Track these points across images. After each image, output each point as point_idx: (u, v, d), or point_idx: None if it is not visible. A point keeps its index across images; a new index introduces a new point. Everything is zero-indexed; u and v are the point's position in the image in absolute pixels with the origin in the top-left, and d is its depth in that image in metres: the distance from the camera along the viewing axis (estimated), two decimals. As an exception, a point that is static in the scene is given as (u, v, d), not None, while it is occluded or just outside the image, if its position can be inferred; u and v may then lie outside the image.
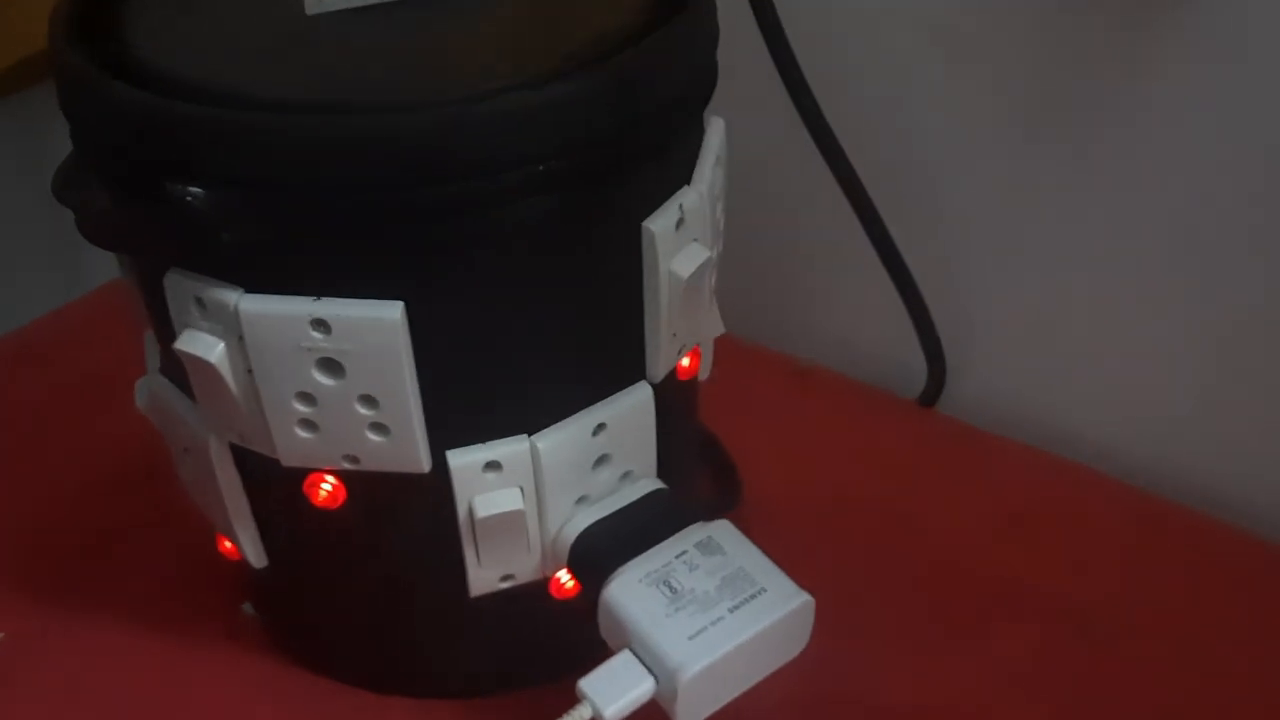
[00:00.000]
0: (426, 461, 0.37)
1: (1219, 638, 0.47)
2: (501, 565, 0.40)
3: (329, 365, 0.34)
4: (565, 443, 0.38)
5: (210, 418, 0.38)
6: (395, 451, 0.36)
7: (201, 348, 0.34)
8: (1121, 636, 0.47)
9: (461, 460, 0.37)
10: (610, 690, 0.36)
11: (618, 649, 0.37)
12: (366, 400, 0.35)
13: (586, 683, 0.36)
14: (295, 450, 0.36)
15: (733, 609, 0.36)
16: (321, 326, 0.33)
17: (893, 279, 0.55)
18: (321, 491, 0.38)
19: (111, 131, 0.33)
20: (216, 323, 0.34)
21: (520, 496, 0.38)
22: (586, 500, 0.40)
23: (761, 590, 0.37)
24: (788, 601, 0.37)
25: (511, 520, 0.38)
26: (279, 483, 0.38)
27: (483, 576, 0.40)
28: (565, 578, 0.41)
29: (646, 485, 0.41)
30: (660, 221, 0.36)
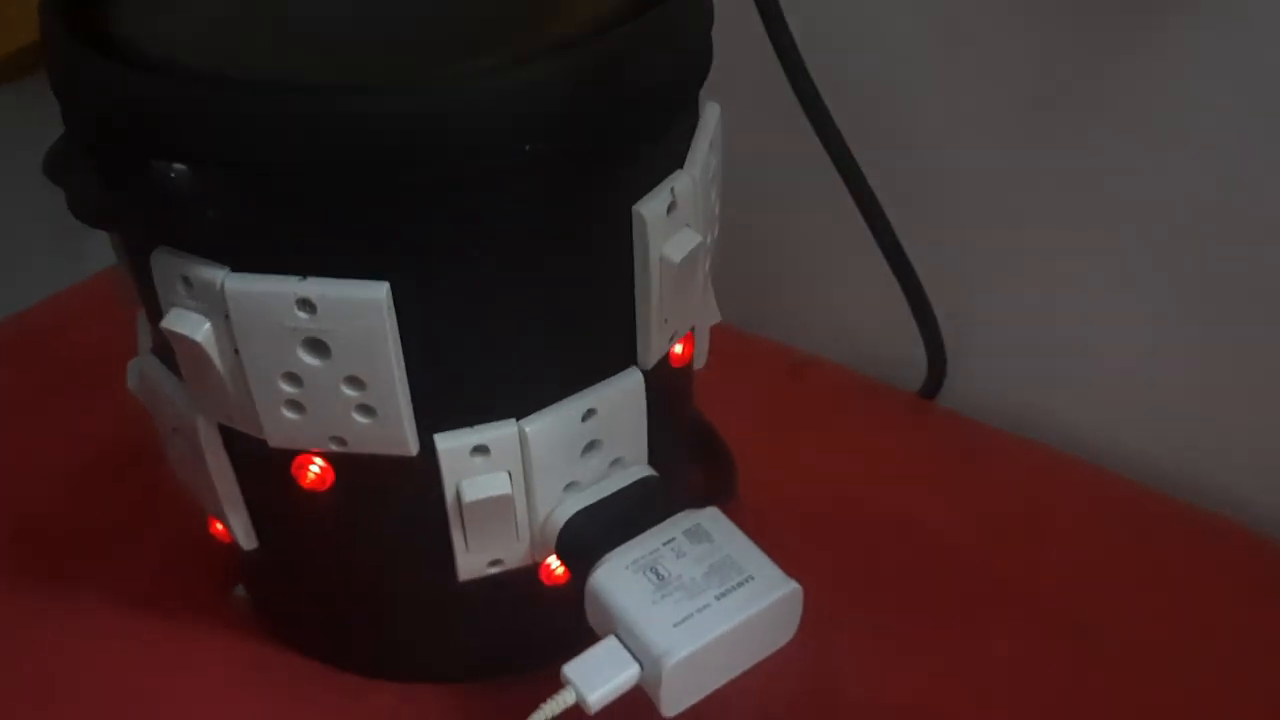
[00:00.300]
0: (414, 444, 0.37)
1: (1217, 636, 0.46)
2: (490, 550, 0.40)
3: (315, 345, 0.34)
4: (554, 428, 0.38)
5: (198, 398, 0.38)
6: (382, 434, 0.36)
7: (188, 327, 0.34)
8: (1116, 634, 0.46)
9: (449, 444, 0.37)
10: (594, 676, 0.36)
11: (604, 635, 0.37)
12: (353, 381, 0.35)
13: (570, 668, 0.36)
14: (282, 431, 0.36)
15: (719, 596, 0.36)
16: (307, 306, 0.33)
17: (893, 271, 0.55)
18: (309, 473, 0.38)
19: (97, 109, 0.33)
20: (203, 302, 0.34)
21: (508, 481, 0.38)
22: (576, 486, 0.39)
23: (749, 578, 0.37)
24: (775, 589, 0.36)
25: (499, 505, 0.38)
26: (267, 464, 0.38)
27: (471, 561, 0.40)
28: (555, 564, 0.41)
29: (637, 472, 0.40)
30: (651, 206, 0.36)
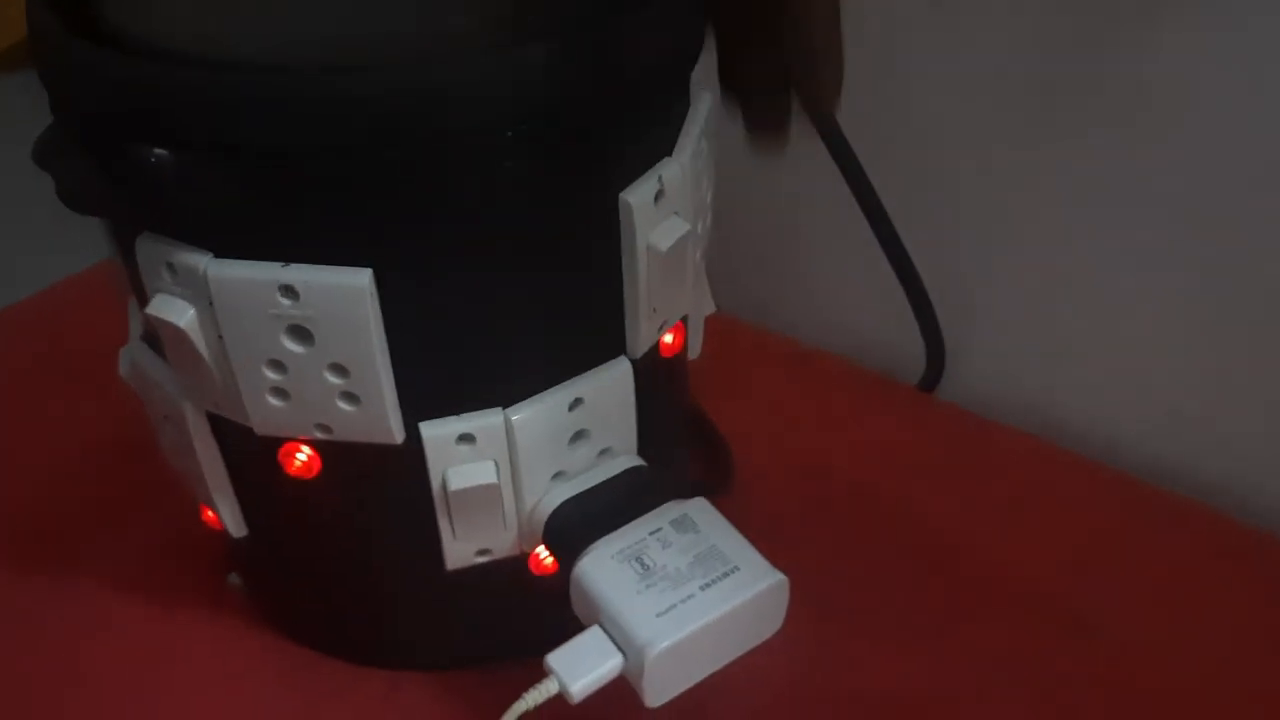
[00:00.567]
0: (399, 432, 0.36)
1: (1215, 631, 0.46)
2: (477, 539, 0.40)
3: (298, 332, 0.34)
4: (540, 417, 0.37)
5: (185, 385, 0.38)
6: (367, 421, 0.36)
7: (173, 313, 0.34)
8: (1113, 627, 0.46)
9: (434, 432, 0.37)
10: (577, 666, 0.36)
11: (589, 625, 0.37)
12: (336, 369, 0.35)
13: (554, 658, 0.36)
14: (268, 419, 0.36)
15: (704, 587, 0.36)
16: (289, 293, 0.33)
17: (892, 264, 0.54)
18: (296, 461, 0.38)
19: (79, 94, 0.33)
20: (187, 288, 0.34)
21: (494, 470, 0.37)
22: (563, 476, 0.39)
23: (734, 569, 0.36)
24: (760, 581, 0.36)
25: (485, 493, 0.38)
26: (255, 451, 0.38)
27: (458, 550, 0.40)
28: (545, 554, 0.41)
29: (625, 462, 0.40)
30: (638, 193, 0.36)
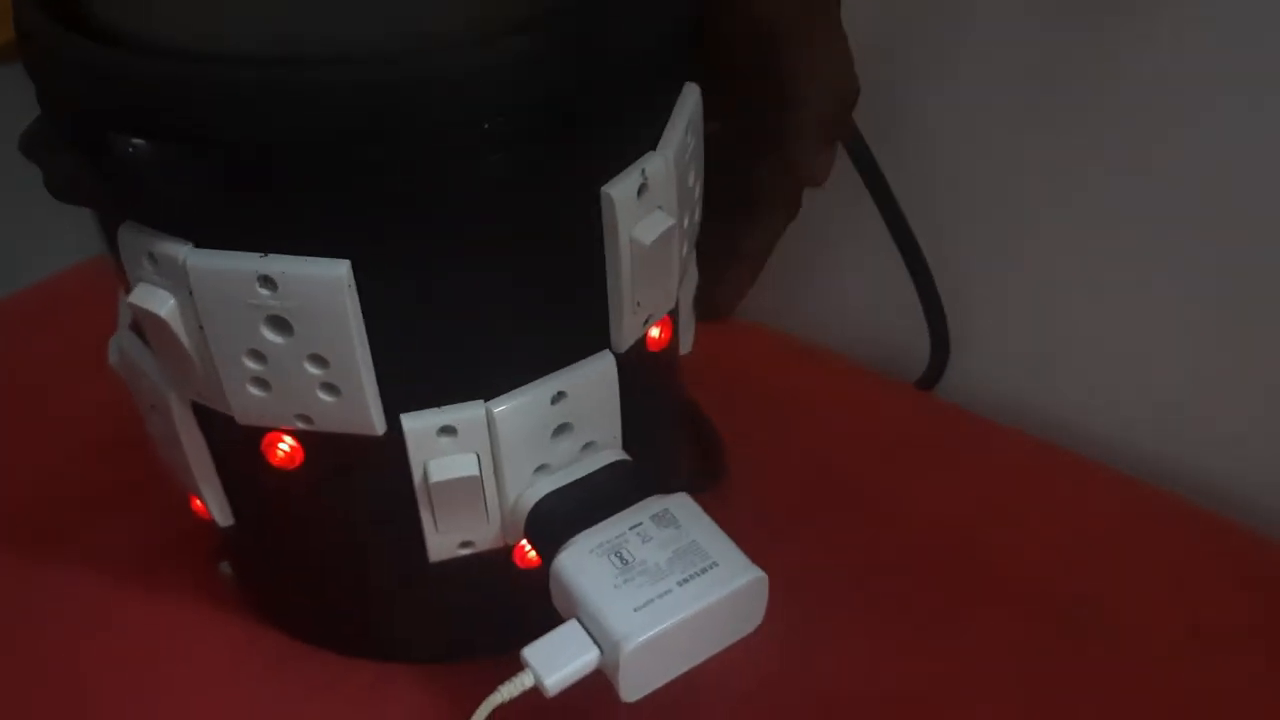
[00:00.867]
0: (380, 424, 0.36)
1: (1213, 633, 0.45)
2: (460, 531, 0.40)
3: (277, 323, 0.34)
4: (522, 410, 0.37)
5: (169, 374, 0.38)
6: (347, 412, 0.36)
7: (153, 302, 0.34)
8: (1113, 628, 0.45)
9: (416, 424, 0.37)
10: (553, 659, 0.36)
11: (567, 619, 0.37)
12: (316, 360, 0.35)
13: (530, 651, 0.36)
14: (249, 408, 0.36)
15: (681, 582, 0.36)
16: (268, 283, 0.33)
17: (905, 262, 0.53)
18: (279, 451, 0.38)
19: (59, 85, 0.33)
20: (168, 278, 0.34)
21: (476, 462, 0.37)
22: (547, 469, 0.39)
23: (713, 564, 0.36)
24: (738, 577, 0.36)
25: (467, 486, 0.38)
26: (238, 441, 0.38)
27: (441, 542, 0.40)
28: (529, 547, 0.41)
29: (608, 456, 0.40)
30: (620, 187, 0.35)
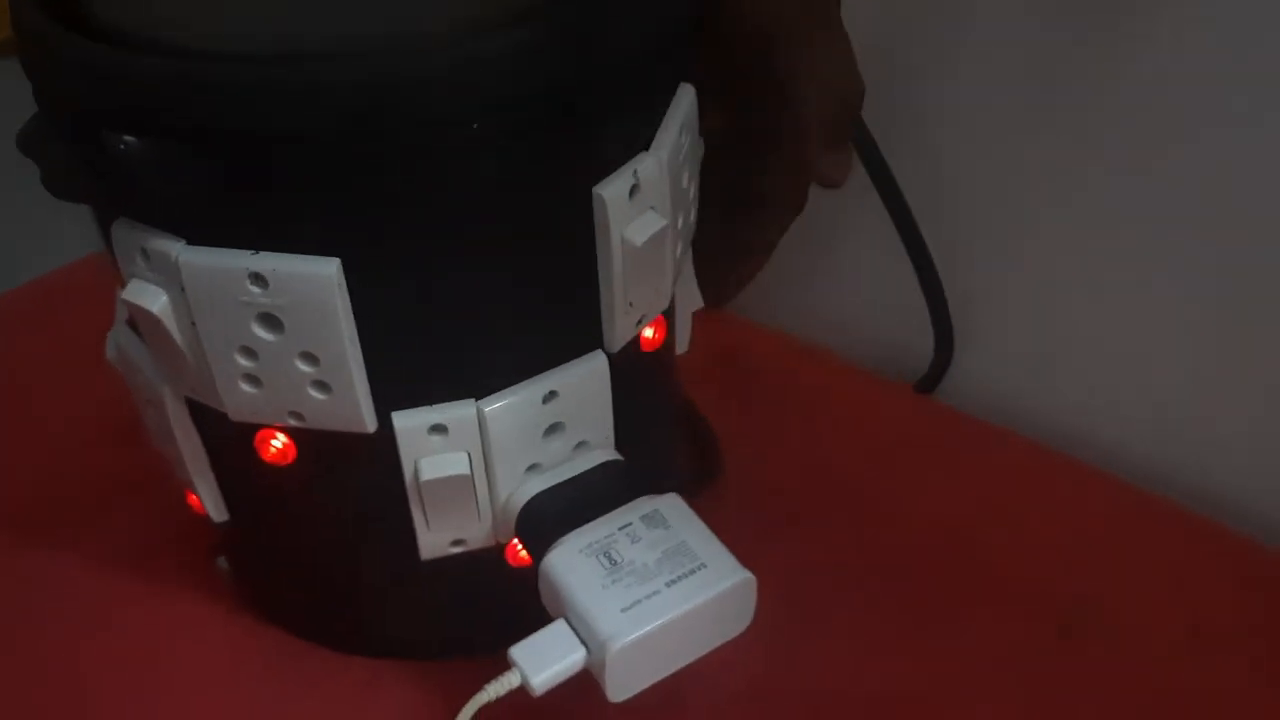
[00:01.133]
0: (371, 422, 0.37)
1: (1209, 635, 0.45)
2: (451, 530, 0.40)
3: (268, 320, 0.34)
4: (514, 409, 0.37)
5: (163, 370, 0.38)
6: (338, 410, 0.36)
7: (146, 298, 0.35)
8: (1110, 632, 0.45)
9: (406, 422, 0.37)
10: (540, 659, 0.36)
11: (556, 619, 0.37)
12: (307, 357, 0.35)
13: (517, 650, 0.36)
14: (241, 405, 0.37)
15: (670, 583, 0.36)
16: (259, 281, 0.33)
17: (912, 260, 0.53)
18: (272, 447, 0.38)
19: (53, 81, 0.33)
20: (160, 274, 0.34)
21: (466, 461, 0.38)
22: (538, 469, 0.39)
23: (701, 566, 0.36)
24: (726, 578, 0.36)
25: (458, 484, 0.38)
26: (231, 437, 0.38)
27: (432, 540, 0.40)
28: (520, 545, 0.41)
29: (600, 456, 0.40)
30: (612, 187, 0.35)
